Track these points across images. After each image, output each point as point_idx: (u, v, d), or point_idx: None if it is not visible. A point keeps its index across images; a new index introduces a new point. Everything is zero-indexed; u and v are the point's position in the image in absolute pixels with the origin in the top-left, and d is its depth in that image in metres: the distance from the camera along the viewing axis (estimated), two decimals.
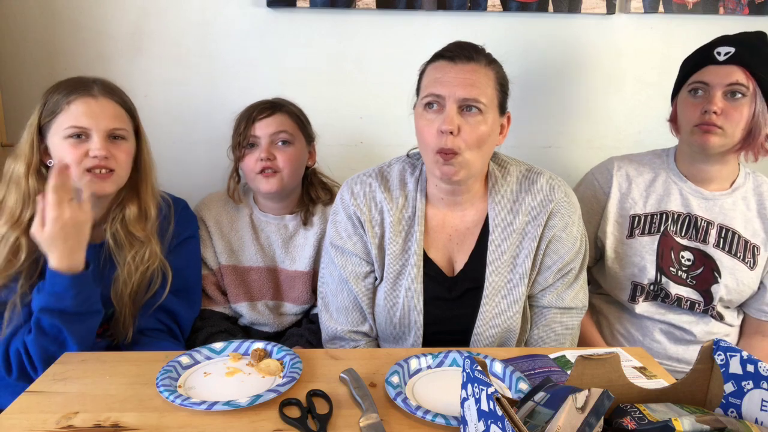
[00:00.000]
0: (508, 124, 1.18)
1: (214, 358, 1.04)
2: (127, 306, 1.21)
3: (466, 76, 1.07)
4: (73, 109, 1.14)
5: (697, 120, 1.29)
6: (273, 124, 1.40)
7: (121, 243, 1.21)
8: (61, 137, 1.14)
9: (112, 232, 1.20)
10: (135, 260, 1.20)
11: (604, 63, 1.76)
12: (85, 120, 1.14)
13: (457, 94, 1.06)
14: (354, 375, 0.95)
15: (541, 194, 1.18)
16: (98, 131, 1.15)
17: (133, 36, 1.69)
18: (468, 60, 1.09)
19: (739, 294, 1.38)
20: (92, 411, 0.88)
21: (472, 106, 1.07)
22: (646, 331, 1.42)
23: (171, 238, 1.28)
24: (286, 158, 1.40)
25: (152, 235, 1.23)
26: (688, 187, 1.39)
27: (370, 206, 1.21)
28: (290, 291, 1.49)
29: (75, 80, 1.18)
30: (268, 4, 1.66)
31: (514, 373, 0.96)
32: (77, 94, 1.15)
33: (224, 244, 1.47)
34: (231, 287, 1.47)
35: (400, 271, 1.20)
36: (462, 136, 1.07)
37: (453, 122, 1.06)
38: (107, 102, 1.17)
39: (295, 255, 1.48)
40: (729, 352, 0.70)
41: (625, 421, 0.66)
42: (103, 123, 1.15)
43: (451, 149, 1.07)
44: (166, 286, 1.25)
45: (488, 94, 1.08)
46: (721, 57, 1.27)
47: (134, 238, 1.21)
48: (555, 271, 1.18)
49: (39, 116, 1.16)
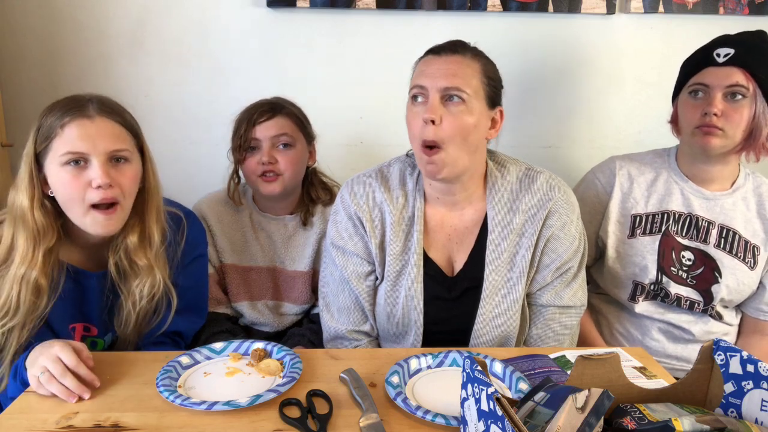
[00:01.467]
0: (501, 119, 1.17)
1: (214, 358, 1.04)
2: (131, 334, 1.18)
3: (449, 66, 1.09)
4: (67, 133, 1.03)
5: (697, 122, 1.29)
6: (274, 126, 1.40)
7: (125, 272, 1.14)
8: (57, 165, 1.04)
9: (114, 262, 1.14)
10: (139, 289, 1.14)
11: (604, 63, 1.77)
12: (81, 144, 1.03)
13: (440, 83, 1.08)
14: (354, 375, 0.95)
15: (539, 193, 1.18)
16: (97, 155, 1.04)
17: (134, 36, 1.69)
18: (452, 52, 1.11)
19: (739, 294, 1.38)
20: (92, 411, 0.88)
21: (454, 95, 1.08)
22: (645, 330, 1.42)
23: (181, 257, 1.21)
24: (288, 161, 1.40)
25: (156, 263, 1.15)
26: (690, 187, 1.39)
27: (370, 206, 1.21)
28: (290, 291, 1.49)
29: (69, 100, 1.08)
30: (268, 4, 1.66)
31: (514, 373, 0.96)
32: (71, 115, 1.04)
33: (226, 243, 1.47)
34: (232, 286, 1.47)
35: (401, 270, 1.20)
36: (444, 126, 1.07)
37: (435, 111, 1.07)
38: (105, 122, 1.06)
39: (295, 255, 1.48)
40: (729, 352, 0.70)
41: (625, 421, 0.66)
42: (101, 145, 1.04)
43: (432, 140, 1.08)
44: (171, 310, 1.19)
45: (472, 85, 1.09)
46: (721, 59, 1.27)
47: (137, 266, 1.14)
48: (553, 270, 1.18)
49: (34, 143, 1.06)
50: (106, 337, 1.20)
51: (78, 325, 1.16)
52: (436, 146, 1.08)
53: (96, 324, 1.18)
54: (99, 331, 1.18)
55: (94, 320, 1.17)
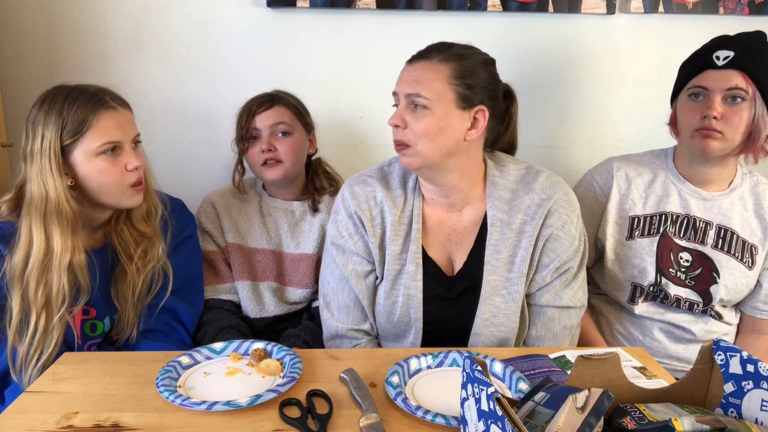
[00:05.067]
0: (484, 118, 1.13)
1: (214, 358, 1.04)
2: (131, 306, 1.21)
3: (413, 73, 1.13)
4: (102, 125, 1.11)
5: (696, 125, 1.29)
6: (272, 116, 1.45)
7: (127, 242, 1.20)
8: (92, 155, 1.11)
9: (117, 232, 1.20)
10: (142, 258, 1.20)
11: (604, 63, 1.76)
12: (116, 133, 1.13)
13: (405, 89, 1.13)
14: (354, 375, 0.95)
15: (539, 193, 1.18)
16: (128, 141, 1.16)
17: (134, 36, 1.69)
18: (420, 58, 1.15)
19: (738, 294, 1.38)
20: (92, 411, 0.88)
21: (417, 103, 1.11)
22: (646, 331, 1.42)
23: (171, 237, 1.28)
24: (287, 148, 1.45)
25: (158, 233, 1.23)
26: (687, 188, 1.39)
27: (370, 205, 1.21)
28: (294, 274, 1.51)
29: (82, 93, 1.13)
30: (268, 4, 1.66)
31: (514, 373, 0.96)
32: (99, 108, 1.12)
33: (231, 225, 1.51)
34: (236, 264, 1.50)
35: (400, 270, 1.20)
36: (410, 129, 1.12)
37: (399, 117, 1.13)
38: (125, 111, 1.17)
39: (300, 240, 1.52)
40: (729, 352, 0.70)
41: (625, 421, 0.66)
42: (129, 132, 1.16)
43: (401, 140, 1.13)
44: (168, 286, 1.26)
45: (434, 89, 1.10)
46: (720, 61, 1.26)
47: (142, 235, 1.21)
48: (552, 270, 1.18)
49: (60, 137, 1.09)
50: (105, 319, 1.22)
51: (77, 309, 1.17)
52: (405, 145, 1.13)
53: (95, 304, 1.20)
54: (98, 312, 1.21)
55: (94, 300, 1.19)
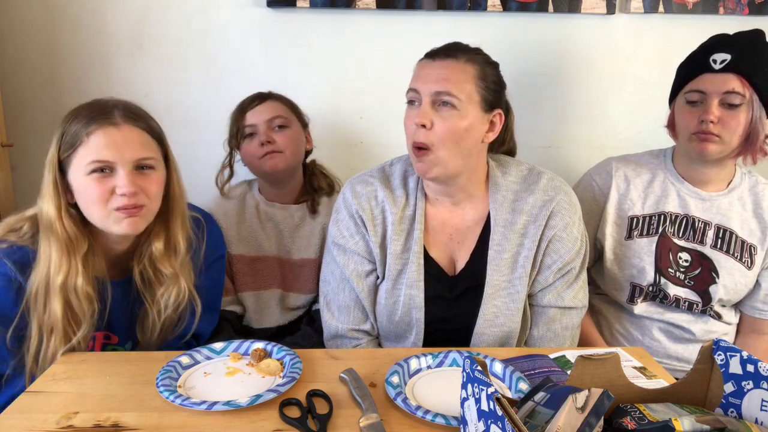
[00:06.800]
0: (500, 121, 1.16)
1: (214, 358, 1.04)
2: (154, 342, 1.16)
3: (441, 71, 1.10)
4: (93, 141, 1.01)
5: (694, 128, 1.29)
6: (267, 110, 1.46)
7: (150, 280, 1.13)
8: (82, 174, 1.01)
9: (139, 270, 1.12)
10: (164, 298, 1.12)
11: (604, 63, 1.76)
12: (108, 153, 1.01)
13: (431, 88, 1.09)
14: (354, 375, 0.95)
15: (542, 194, 1.18)
16: (123, 164, 1.02)
17: (134, 35, 1.69)
18: (446, 57, 1.12)
19: (737, 293, 1.38)
20: (92, 411, 0.88)
21: (446, 101, 1.09)
22: (645, 330, 1.42)
23: (202, 260, 1.20)
24: (286, 139, 1.46)
25: (181, 271, 1.13)
26: (686, 188, 1.38)
27: (372, 205, 1.21)
28: (297, 280, 1.51)
29: (94, 106, 1.05)
30: (268, 4, 1.66)
31: (514, 373, 0.96)
32: (97, 123, 1.02)
33: (233, 234, 1.50)
34: (239, 276, 1.49)
35: (402, 269, 1.20)
36: (435, 130, 1.09)
37: (426, 116, 1.09)
38: (131, 129, 1.04)
39: (302, 244, 1.51)
40: (729, 352, 0.70)
41: (625, 421, 0.66)
42: (128, 154, 1.02)
43: (422, 143, 1.10)
44: (195, 317, 1.18)
45: (465, 90, 1.09)
46: (717, 65, 1.26)
47: (162, 275, 1.12)
48: (555, 271, 1.18)
49: (58, 150, 1.03)
50: (127, 345, 1.18)
51: (99, 334, 1.13)
52: (426, 148, 1.10)
53: (117, 332, 1.16)
54: (120, 339, 1.17)
55: (115, 328, 1.15)
